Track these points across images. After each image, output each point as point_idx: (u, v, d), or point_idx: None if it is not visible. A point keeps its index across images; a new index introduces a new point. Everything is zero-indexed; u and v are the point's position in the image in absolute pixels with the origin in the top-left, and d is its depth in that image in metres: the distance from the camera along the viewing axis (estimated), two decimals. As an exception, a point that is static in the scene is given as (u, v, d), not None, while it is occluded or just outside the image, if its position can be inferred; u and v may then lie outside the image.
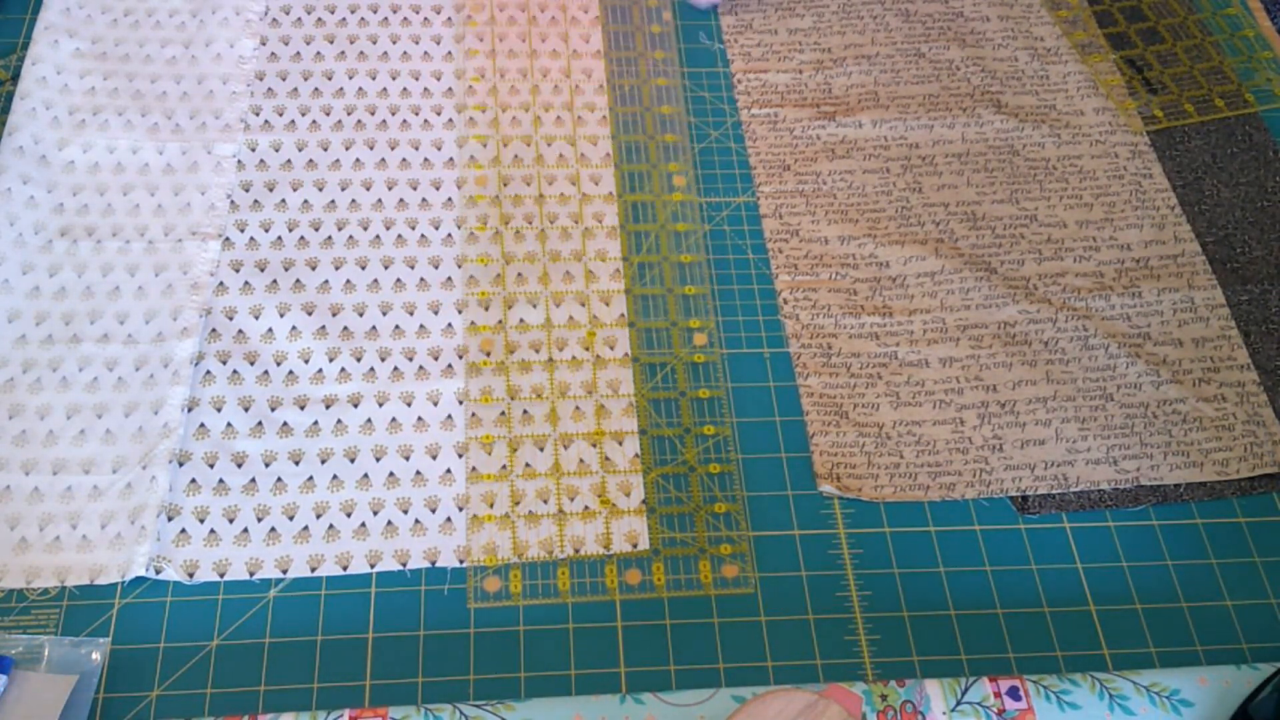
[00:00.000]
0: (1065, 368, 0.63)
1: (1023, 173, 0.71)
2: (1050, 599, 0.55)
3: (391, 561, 0.55)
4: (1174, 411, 0.61)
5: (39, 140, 0.67)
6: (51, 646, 0.50)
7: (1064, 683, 0.50)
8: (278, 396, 0.59)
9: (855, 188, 0.70)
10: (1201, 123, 0.74)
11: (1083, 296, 0.66)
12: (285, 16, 0.76)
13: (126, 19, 0.74)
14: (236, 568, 0.54)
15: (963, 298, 0.65)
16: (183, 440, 0.57)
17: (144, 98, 0.70)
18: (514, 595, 0.54)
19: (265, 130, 0.70)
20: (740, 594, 0.55)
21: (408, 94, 0.72)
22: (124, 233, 0.65)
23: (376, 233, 0.66)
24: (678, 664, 0.53)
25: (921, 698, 0.49)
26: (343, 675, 0.52)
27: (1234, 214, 0.70)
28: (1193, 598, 0.56)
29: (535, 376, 0.61)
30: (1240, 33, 0.79)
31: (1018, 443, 0.60)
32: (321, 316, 0.62)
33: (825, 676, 0.52)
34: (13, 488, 0.56)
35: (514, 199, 0.68)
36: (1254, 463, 0.60)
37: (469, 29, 0.76)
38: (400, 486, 0.57)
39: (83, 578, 0.53)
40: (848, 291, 0.65)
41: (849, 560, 0.56)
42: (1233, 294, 0.66)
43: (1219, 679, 0.51)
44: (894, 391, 0.62)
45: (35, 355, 0.60)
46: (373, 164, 0.69)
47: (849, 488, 0.58)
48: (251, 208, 0.66)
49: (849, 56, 0.77)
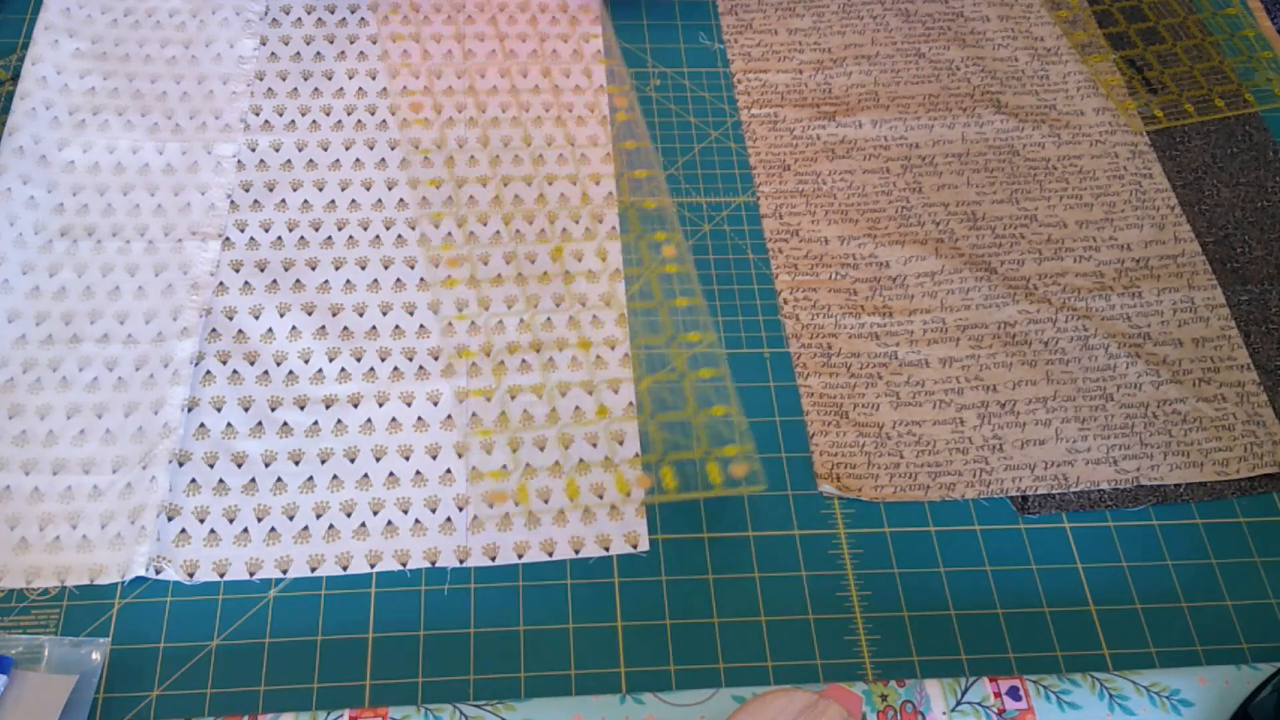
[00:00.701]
0: (1065, 368, 0.63)
1: (1023, 173, 0.71)
2: (1050, 599, 0.55)
3: (391, 561, 0.55)
4: (1174, 411, 0.61)
5: (39, 140, 0.67)
6: (51, 646, 0.50)
7: (1064, 683, 0.50)
8: (278, 396, 0.59)
9: (855, 188, 0.70)
10: (1201, 123, 0.74)
11: (1083, 296, 0.66)
12: (285, 16, 0.76)
13: (126, 19, 0.74)
14: (236, 568, 0.54)
15: (963, 298, 0.65)
16: (183, 440, 0.57)
17: (144, 98, 0.70)
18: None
19: (265, 130, 0.70)
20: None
21: (408, 93, 0.72)
22: (124, 233, 0.65)
23: (376, 233, 0.66)
24: (678, 664, 0.53)
25: (921, 698, 0.49)
26: (343, 675, 0.52)
27: (1234, 214, 0.70)
28: (1193, 598, 0.56)
29: (535, 376, 0.61)
30: (1240, 33, 0.79)
31: (1018, 443, 0.60)
32: (321, 316, 0.62)
33: (825, 676, 0.52)
34: (13, 488, 0.56)
35: (514, 200, 0.68)
36: (1254, 463, 0.60)
37: (468, 26, 0.76)
38: (400, 486, 0.57)
39: (83, 578, 0.53)
40: (848, 291, 0.65)
41: (849, 560, 0.56)
42: (1233, 294, 0.66)
43: (1219, 679, 0.51)
44: (894, 391, 0.62)
45: (35, 355, 0.60)
46: (373, 164, 0.69)
47: (849, 488, 0.58)
48: (251, 208, 0.66)
49: (849, 56, 0.77)
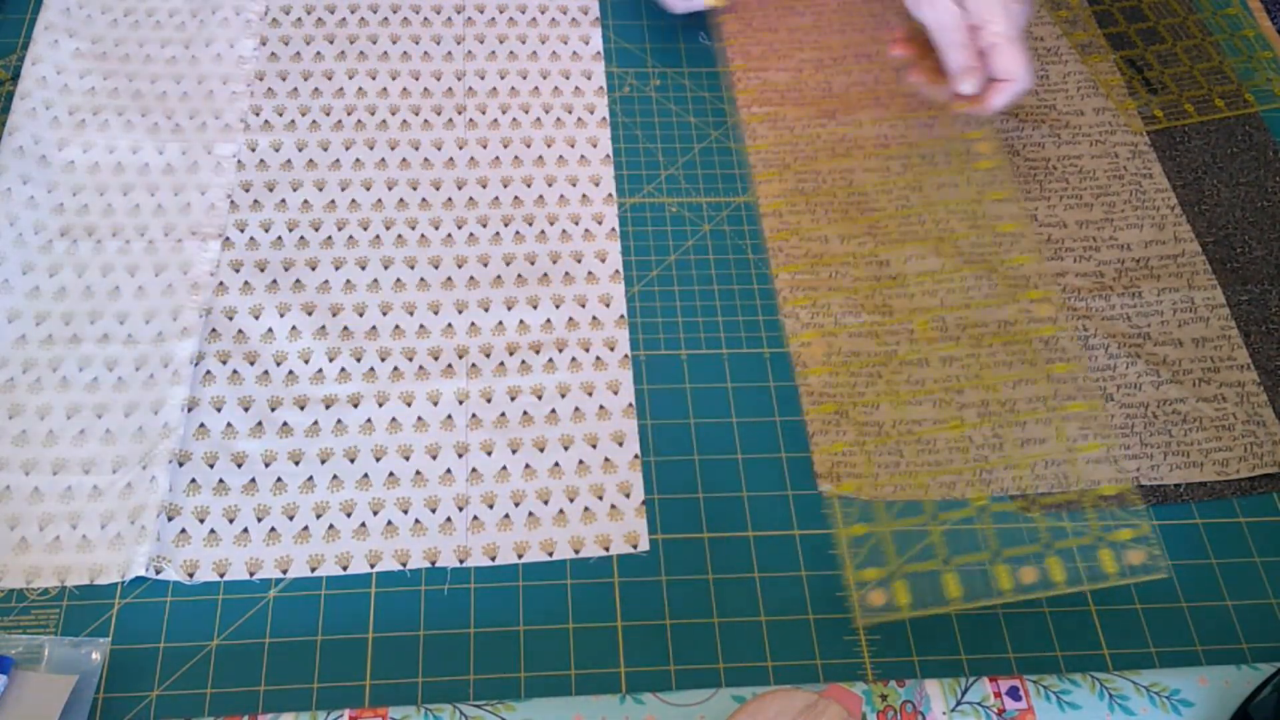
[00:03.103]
0: (1065, 367, 0.63)
1: (1023, 172, 0.71)
2: (1050, 599, 0.55)
3: (391, 561, 0.55)
4: (1174, 411, 0.61)
5: (39, 140, 0.67)
6: (51, 646, 0.50)
7: (1064, 683, 0.50)
8: (278, 396, 0.59)
9: (855, 187, 0.70)
10: (1201, 123, 0.74)
11: (1083, 296, 0.66)
12: (285, 16, 0.76)
13: (126, 19, 0.74)
14: (236, 568, 0.54)
15: (963, 297, 0.65)
16: (183, 440, 0.57)
17: (144, 98, 0.70)
18: (901, 608, 0.53)
19: (265, 130, 0.70)
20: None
21: (408, 94, 0.72)
22: (124, 233, 0.65)
23: (376, 233, 0.66)
24: (678, 664, 0.53)
25: (921, 698, 0.49)
26: (343, 675, 0.52)
27: (1234, 214, 0.70)
28: (1193, 598, 0.56)
29: (535, 377, 0.61)
30: (1240, 33, 0.79)
31: (1018, 442, 0.60)
32: (321, 316, 0.62)
33: (825, 676, 0.52)
34: (13, 488, 0.56)
35: (514, 200, 0.68)
36: (1254, 463, 0.60)
37: (468, 28, 0.76)
38: (400, 486, 0.57)
39: (83, 578, 0.53)
40: (848, 291, 0.65)
41: (849, 560, 0.56)
42: (1233, 294, 0.66)
43: (1219, 679, 0.51)
44: (894, 391, 0.62)
45: (35, 355, 0.60)
46: (373, 164, 0.69)
47: (849, 488, 0.58)
48: (251, 208, 0.66)
49: (849, 55, 0.77)
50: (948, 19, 0.64)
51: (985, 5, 0.63)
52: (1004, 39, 0.63)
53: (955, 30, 0.64)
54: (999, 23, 0.63)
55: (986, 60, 0.64)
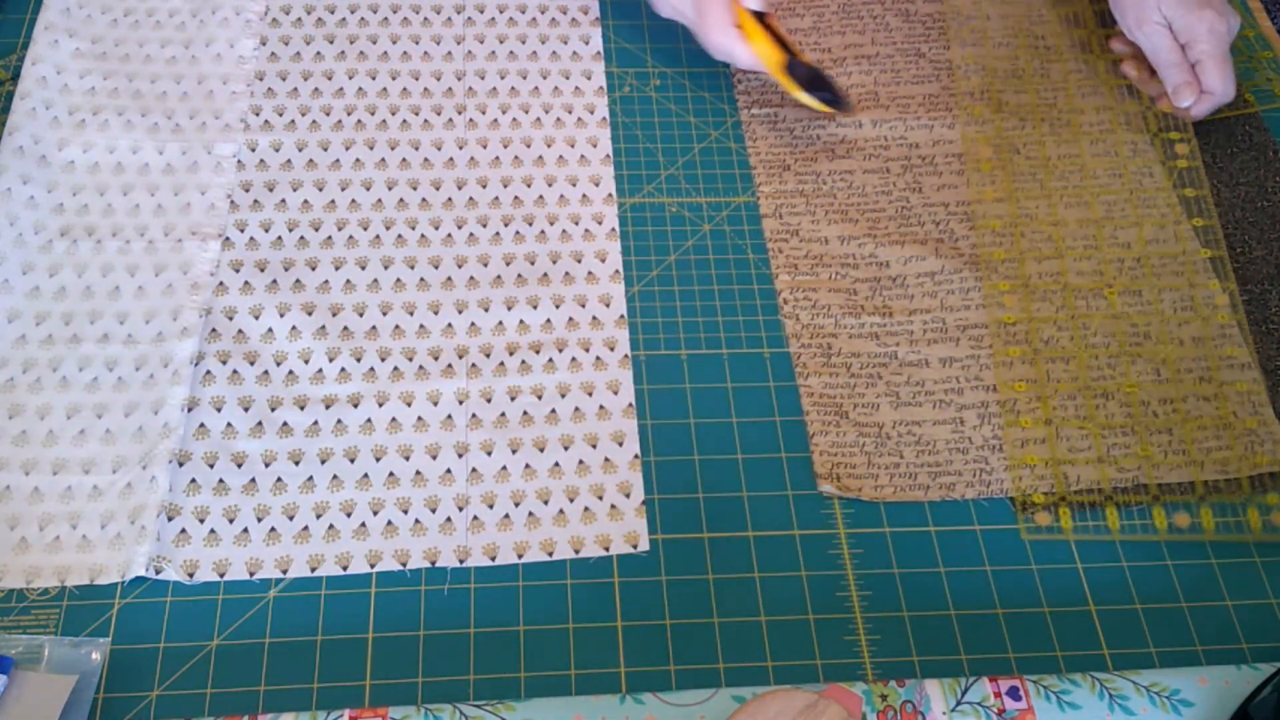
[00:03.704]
0: (1066, 367, 0.63)
1: (1023, 172, 0.71)
2: (1050, 599, 0.55)
3: (391, 561, 0.55)
4: (1174, 411, 0.61)
5: (39, 140, 0.67)
6: (51, 646, 0.50)
7: (1064, 683, 0.50)
8: (278, 396, 0.59)
9: (855, 188, 0.70)
10: (1201, 123, 0.74)
11: (1083, 296, 0.66)
12: (285, 16, 0.76)
13: (126, 19, 0.74)
14: (236, 568, 0.54)
15: (963, 298, 0.65)
16: (183, 440, 0.57)
17: (144, 98, 0.70)
18: (1064, 530, 0.57)
19: (265, 130, 0.70)
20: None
21: (407, 94, 0.72)
22: (124, 233, 0.65)
23: (376, 233, 0.66)
24: (678, 664, 0.53)
25: (921, 698, 0.49)
26: (343, 675, 0.52)
27: (1234, 214, 0.70)
28: (1193, 598, 0.56)
29: (535, 377, 0.61)
30: (1240, 33, 0.79)
31: (1018, 442, 0.60)
32: (321, 316, 0.62)
33: (825, 676, 0.52)
34: (13, 488, 0.56)
35: (514, 200, 0.68)
36: (1254, 462, 0.60)
37: (468, 28, 0.76)
38: (400, 486, 0.57)
39: (83, 578, 0.53)
40: (848, 291, 0.65)
41: (849, 560, 0.56)
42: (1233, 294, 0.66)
43: (1219, 679, 0.51)
44: (894, 391, 0.62)
45: (35, 355, 0.60)
46: (373, 164, 0.69)
47: (849, 488, 0.58)
48: (251, 208, 0.66)
49: (849, 56, 0.77)
50: (1161, 41, 0.71)
51: (1192, 27, 0.70)
52: (1209, 56, 0.70)
53: (1169, 51, 0.71)
54: (1205, 41, 0.70)
55: (1194, 74, 0.71)
